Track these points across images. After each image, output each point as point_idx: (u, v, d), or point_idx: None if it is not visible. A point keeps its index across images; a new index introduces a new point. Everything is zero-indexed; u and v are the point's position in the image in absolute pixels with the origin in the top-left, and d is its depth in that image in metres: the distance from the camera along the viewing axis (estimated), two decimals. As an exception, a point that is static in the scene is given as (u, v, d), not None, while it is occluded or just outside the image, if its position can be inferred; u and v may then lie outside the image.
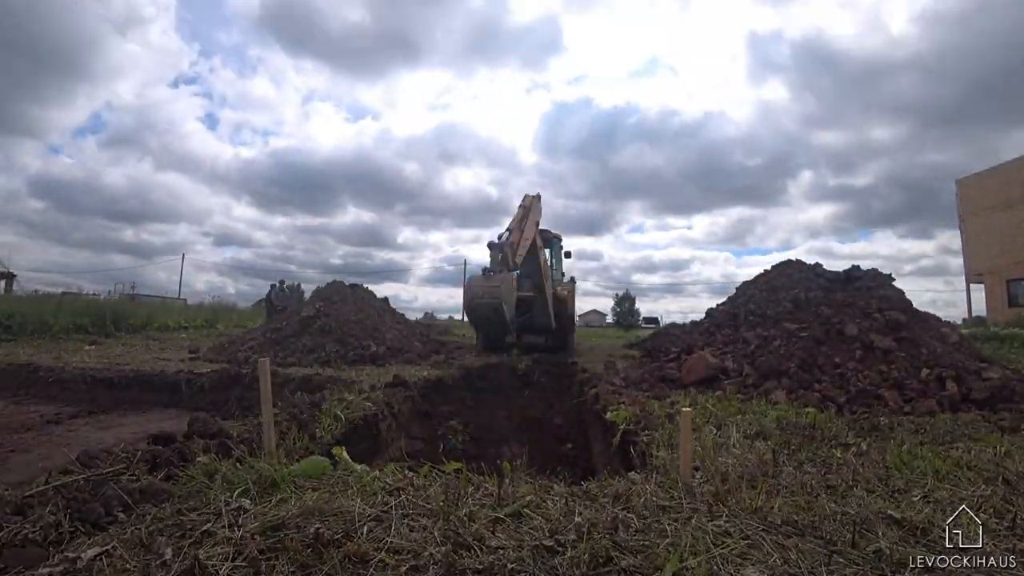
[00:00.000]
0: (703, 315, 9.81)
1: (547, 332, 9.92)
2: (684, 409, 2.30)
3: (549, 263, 11.15)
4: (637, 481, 2.24)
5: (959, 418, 4.02)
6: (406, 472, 2.29)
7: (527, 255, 10.98)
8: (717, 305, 9.52)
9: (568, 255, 11.55)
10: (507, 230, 6.53)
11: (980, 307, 23.21)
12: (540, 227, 10.95)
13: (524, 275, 10.91)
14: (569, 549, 1.57)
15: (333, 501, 1.87)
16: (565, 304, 10.18)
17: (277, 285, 15.84)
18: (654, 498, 2.00)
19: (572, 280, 11.56)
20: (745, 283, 8.47)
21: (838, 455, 2.74)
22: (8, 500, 1.84)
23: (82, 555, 1.51)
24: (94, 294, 20.06)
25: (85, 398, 6.01)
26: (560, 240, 11.34)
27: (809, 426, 3.55)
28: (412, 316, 16.61)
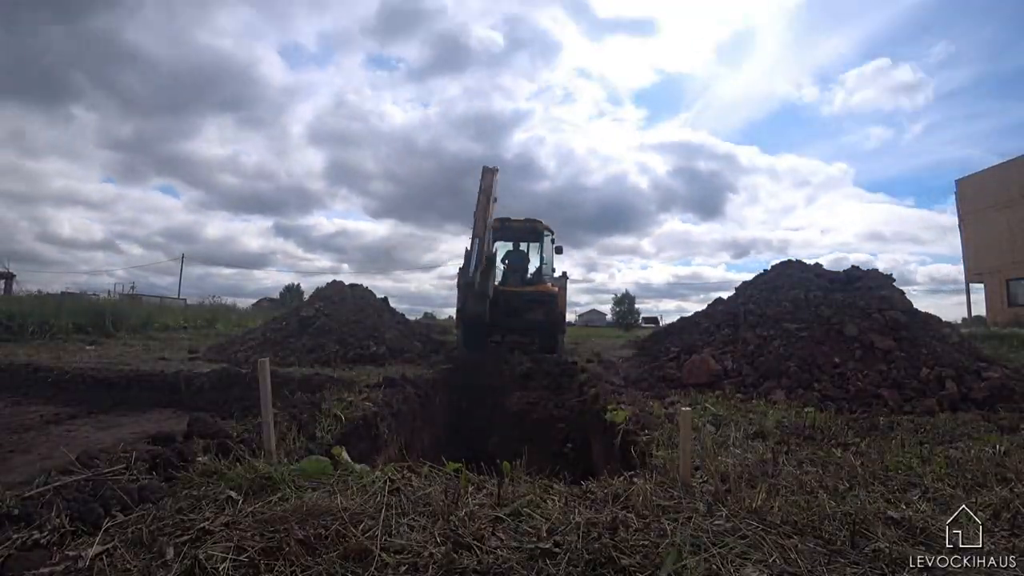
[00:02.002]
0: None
1: (535, 331, 9.53)
2: (684, 409, 2.30)
3: (540, 257, 10.89)
4: (637, 481, 2.24)
5: (959, 418, 4.03)
6: (406, 472, 2.30)
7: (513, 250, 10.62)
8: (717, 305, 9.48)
9: (559, 250, 10.93)
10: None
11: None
12: (531, 218, 10.80)
13: (511, 270, 10.77)
14: (568, 549, 1.57)
15: (333, 500, 1.87)
16: (555, 301, 9.75)
17: None
18: (654, 498, 2.00)
19: (564, 276, 10.93)
20: (745, 283, 8.44)
21: (838, 455, 2.75)
22: (13, 505, 1.84)
23: (83, 554, 1.51)
24: (94, 294, 20.06)
25: (85, 398, 6.00)
26: (552, 233, 10.92)
27: (808, 426, 3.55)
28: (412, 316, 16.58)
